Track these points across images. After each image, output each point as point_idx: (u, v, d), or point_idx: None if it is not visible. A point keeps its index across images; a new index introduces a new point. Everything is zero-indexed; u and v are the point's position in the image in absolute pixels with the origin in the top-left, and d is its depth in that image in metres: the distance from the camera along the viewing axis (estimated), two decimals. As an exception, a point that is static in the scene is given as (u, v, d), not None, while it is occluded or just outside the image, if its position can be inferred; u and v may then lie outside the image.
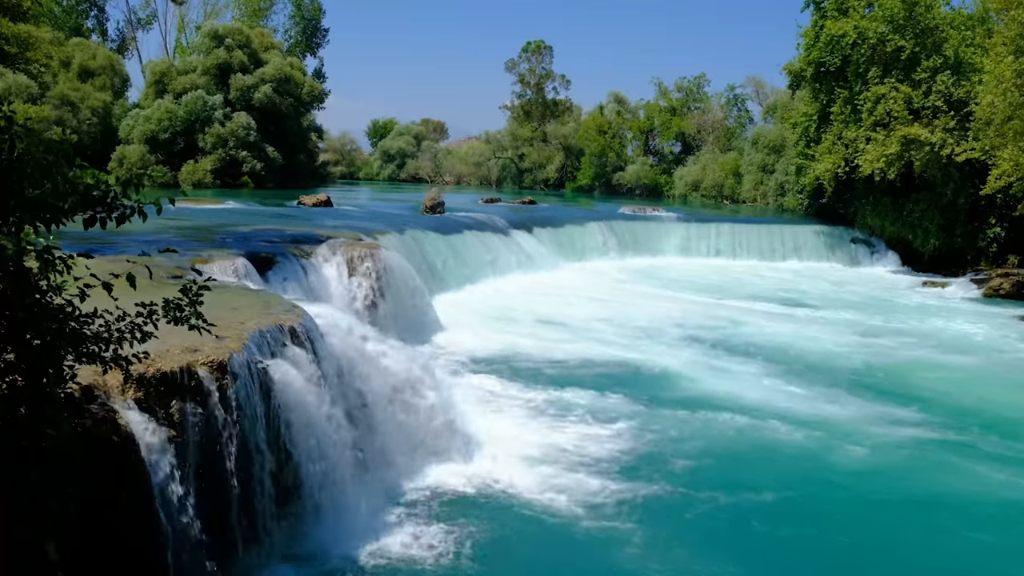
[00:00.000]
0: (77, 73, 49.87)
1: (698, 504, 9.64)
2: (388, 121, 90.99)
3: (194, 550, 6.50)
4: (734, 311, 22.23)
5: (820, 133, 36.05)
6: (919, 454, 11.58)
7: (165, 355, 6.76)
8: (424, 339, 16.45)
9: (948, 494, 10.33)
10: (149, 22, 67.82)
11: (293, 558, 7.86)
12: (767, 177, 51.26)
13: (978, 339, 20.18)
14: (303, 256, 15.65)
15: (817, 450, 11.58)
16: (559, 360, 15.90)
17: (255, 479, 7.41)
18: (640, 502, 9.52)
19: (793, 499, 10.00)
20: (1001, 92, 24.63)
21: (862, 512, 9.74)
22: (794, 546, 8.88)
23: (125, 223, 4.70)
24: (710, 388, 14.47)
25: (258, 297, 10.44)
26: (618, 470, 10.39)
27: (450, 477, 9.91)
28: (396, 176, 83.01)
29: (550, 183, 73.85)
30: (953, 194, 31.52)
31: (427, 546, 8.28)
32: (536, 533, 8.80)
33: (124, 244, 14.09)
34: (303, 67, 57.57)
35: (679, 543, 8.66)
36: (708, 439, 11.82)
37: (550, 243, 29.35)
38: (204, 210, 26.69)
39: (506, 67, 75.71)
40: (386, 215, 29.50)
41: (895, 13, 31.66)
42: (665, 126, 68.31)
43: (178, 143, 47.95)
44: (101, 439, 5.75)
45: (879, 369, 16.42)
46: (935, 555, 8.83)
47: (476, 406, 12.14)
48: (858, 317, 22.29)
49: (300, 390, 8.14)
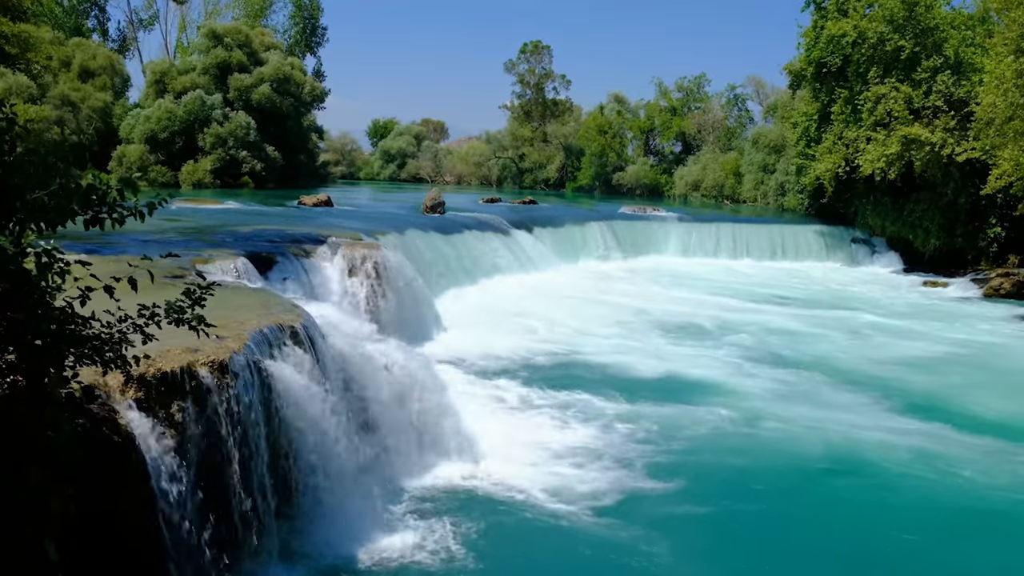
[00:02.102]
0: (77, 73, 49.83)
1: (700, 503, 9.63)
2: (388, 121, 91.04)
3: (194, 550, 6.50)
4: (734, 311, 22.23)
5: (820, 133, 36.06)
6: (919, 454, 11.56)
7: (165, 355, 6.76)
8: (425, 339, 16.46)
9: (949, 494, 10.32)
10: (151, 22, 67.88)
11: (293, 557, 7.86)
12: (767, 177, 51.27)
13: (978, 339, 20.15)
14: (304, 256, 15.65)
15: (818, 449, 11.58)
16: (560, 360, 15.91)
17: (255, 478, 7.41)
18: (642, 502, 9.52)
19: (794, 499, 10.02)
20: (1001, 92, 24.64)
21: (862, 511, 9.72)
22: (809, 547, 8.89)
23: (125, 223, 4.71)
24: (711, 386, 14.47)
25: (258, 297, 10.44)
26: (620, 470, 10.38)
27: (450, 477, 9.92)
28: (396, 176, 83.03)
29: (550, 183, 73.88)
30: (953, 194, 31.52)
31: (427, 545, 8.28)
32: (537, 533, 8.80)
33: (125, 244, 14.10)
34: (303, 67, 57.54)
35: (680, 543, 8.66)
36: (710, 438, 11.82)
37: (550, 243, 29.35)
38: (204, 210, 26.69)
39: (505, 67, 75.84)
40: (387, 215, 29.52)
41: (895, 13, 31.66)
42: (665, 126, 68.35)
43: (177, 143, 47.92)
44: (102, 439, 5.75)
45: (879, 369, 16.40)
46: (936, 555, 8.84)
47: (477, 406, 12.14)
48: (858, 317, 22.28)
49: (300, 390, 8.15)
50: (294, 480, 8.13)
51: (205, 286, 5.42)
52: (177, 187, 45.62)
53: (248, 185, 47.89)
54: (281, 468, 7.97)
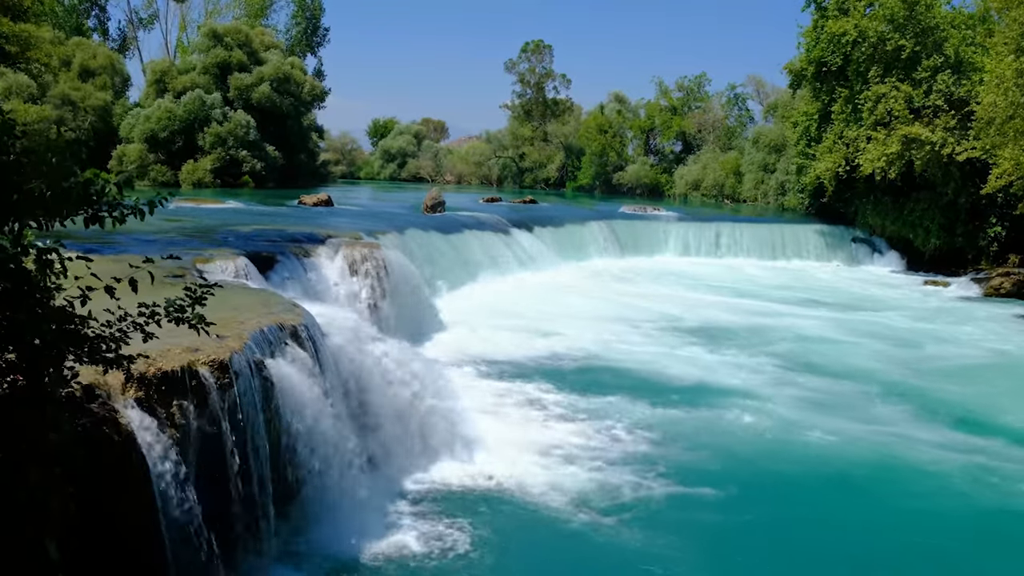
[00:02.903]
0: (78, 73, 49.80)
1: (701, 503, 9.63)
2: (389, 120, 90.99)
3: (194, 549, 6.50)
4: (734, 310, 22.21)
5: (821, 132, 36.04)
6: (920, 454, 11.57)
7: (166, 354, 6.76)
8: (425, 338, 16.46)
9: (948, 495, 10.32)
10: (151, 22, 67.84)
11: (294, 557, 7.86)
12: (768, 176, 51.23)
13: (978, 338, 20.15)
14: (304, 255, 15.64)
15: (820, 449, 11.58)
16: (561, 359, 15.90)
17: (256, 478, 7.41)
18: (644, 502, 9.51)
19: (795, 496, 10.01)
20: (1002, 91, 24.62)
21: (862, 511, 9.73)
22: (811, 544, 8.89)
23: (125, 222, 4.70)
24: (712, 384, 14.46)
25: (259, 296, 10.44)
26: (622, 469, 10.37)
27: (451, 476, 9.92)
28: (397, 176, 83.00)
29: (551, 182, 73.86)
30: (954, 193, 31.51)
31: (428, 545, 8.28)
32: (537, 532, 8.80)
33: (125, 244, 14.11)
34: (303, 66, 57.54)
35: (680, 542, 8.65)
36: (712, 438, 11.81)
37: (551, 242, 29.34)
38: (205, 209, 26.70)
39: (506, 67, 75.79)
40: (387, 214, 29.51)
41: (896, 12, 31.65)
42: (666, 125, 68.31)
43: (177, 142, 47.91)
44: (102, 438, 5.75)
45: (878, 369, 16.40)
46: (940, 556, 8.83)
47: (477, 405, 12.13)
48: (858, 316, 22.27)
49: (301, 389, 8.15)
50: (294, 479, 8.12)
51: (206, 285, 5.42)
52: (177, 186, 45.61)
53: (248, 184, 47.88)
54: (281, 467, 7.97)
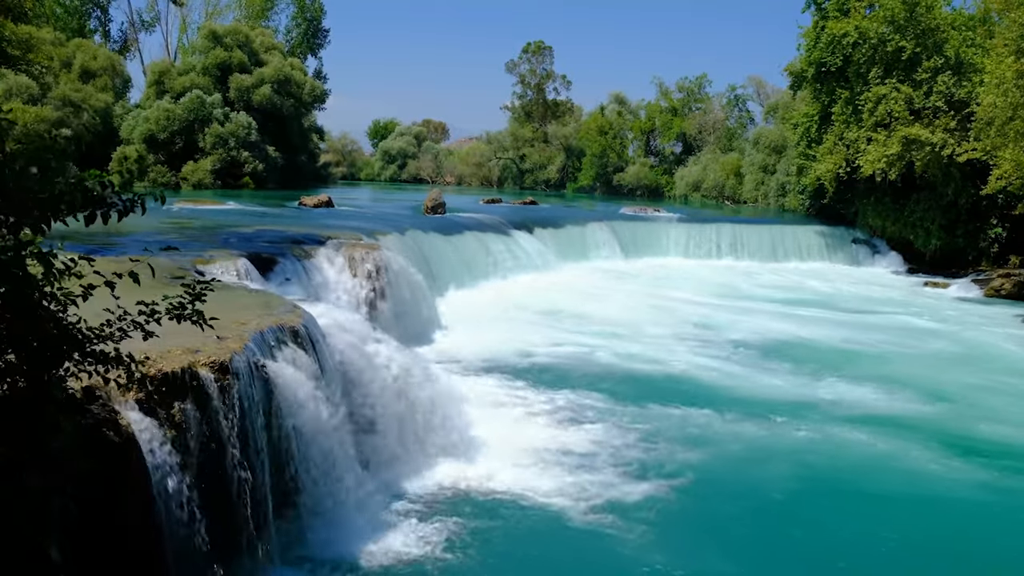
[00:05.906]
0: (78, 74, 49.79)
1: (702, 503, 9.64)
2: (389, 122, 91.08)
3: (194, 550, 6.50)
4: (735, 311, 22.20)
5: (821, 133, 36.03)
6: (919, 455, 11.56)
7: (166, 355, 6.76)
8: (425, 339, 16.46)
9: (949, 496, 10.32)
10: (152, 24, 67.86)
11: (293, 558, 7.86)
12: (768, 177, 51.22)
13: (978, 339, 20.14)
14: (304, 256, 15.65)
15: (821, 449, 11.58)
16: (561, 360, 15.89)
17: (256, 479, 7.40)
18: (644, 502, 9.50)
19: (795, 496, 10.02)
20: (1002, 92, 24.66)
21: (860, 512, 9.73)
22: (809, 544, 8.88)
23: (126, 222, 4.69)
24: (715, 386, 14.46)
25: (259, 297, 10.44)
26: (621, 471, 10.36)
27: (451, 477, 9.91)
28: (397, 177, 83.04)
29: (551, 183, 73.89)
30: (954, 194, 31.50)
31: (428, 546, 8.27)
32: (537, 533, 8.79)
33: (125, 245, 14.12)
34: (304, 67, 57.57)
35: (681, 542, 8.65)
36: (713, 437, 11.81)
37: (551, 243, 29.32)
38: (205, 210, 26.71)
39: (506, 68, 75.96)
40: (387, 216, 29.50)
41: (896, 13, 31.65)
42: (666, 126, 68.33)
43: (177, 143, 47.88)
44: (102, 440, 5.75)
45: (879, 368, 16.39)
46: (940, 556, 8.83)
47: (477, 406, 12.12)
48: (859, 318, 22.27)
49: (301, 390, 8.14)
50: (294, 480, 8.12)
51: (204, 282, 5.42)
52: (178, 187, 45.61)
53: (249, 185, 47.88)
54: (281, 468, 7.97)
